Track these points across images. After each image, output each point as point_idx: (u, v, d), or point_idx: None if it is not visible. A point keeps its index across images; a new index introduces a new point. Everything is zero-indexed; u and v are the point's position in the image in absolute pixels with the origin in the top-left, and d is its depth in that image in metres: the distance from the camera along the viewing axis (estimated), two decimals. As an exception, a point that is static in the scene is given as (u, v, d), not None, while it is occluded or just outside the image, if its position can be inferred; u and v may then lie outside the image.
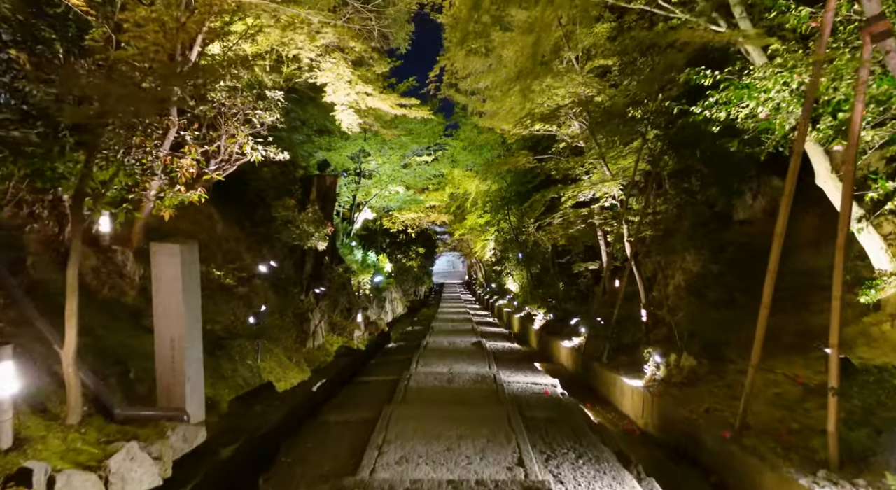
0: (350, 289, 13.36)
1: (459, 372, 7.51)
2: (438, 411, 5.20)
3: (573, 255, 15.67)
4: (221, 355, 6.42)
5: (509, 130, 12.89)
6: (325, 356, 9.39)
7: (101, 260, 6.38)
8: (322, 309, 11.07)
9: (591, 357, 8.93)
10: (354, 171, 18.13)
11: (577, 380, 9.36)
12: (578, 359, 9.70)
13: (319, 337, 9.80)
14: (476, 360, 8.77)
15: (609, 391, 7.68)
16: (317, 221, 10.04)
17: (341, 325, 11.51)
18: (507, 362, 9.01)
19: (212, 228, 8.63)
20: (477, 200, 23.00)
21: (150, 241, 4.95)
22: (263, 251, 9.98)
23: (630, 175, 9.52)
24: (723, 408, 5.19)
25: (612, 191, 9.42)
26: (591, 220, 11.47)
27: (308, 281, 11.16)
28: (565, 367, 10.52)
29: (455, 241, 43.74)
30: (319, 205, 12.48)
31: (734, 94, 4.42)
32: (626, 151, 9.95)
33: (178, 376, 4.75)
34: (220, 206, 9.45)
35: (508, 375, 7.66)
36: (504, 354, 10.11)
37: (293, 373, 7.70)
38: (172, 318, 4.72)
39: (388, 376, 7.30)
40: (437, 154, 20.77)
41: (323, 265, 11.96)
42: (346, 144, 16.70)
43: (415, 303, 28.46)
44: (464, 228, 24.87)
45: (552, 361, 11.37)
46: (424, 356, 9.07)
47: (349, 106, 7.85)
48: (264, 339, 7.87)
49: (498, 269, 24.59)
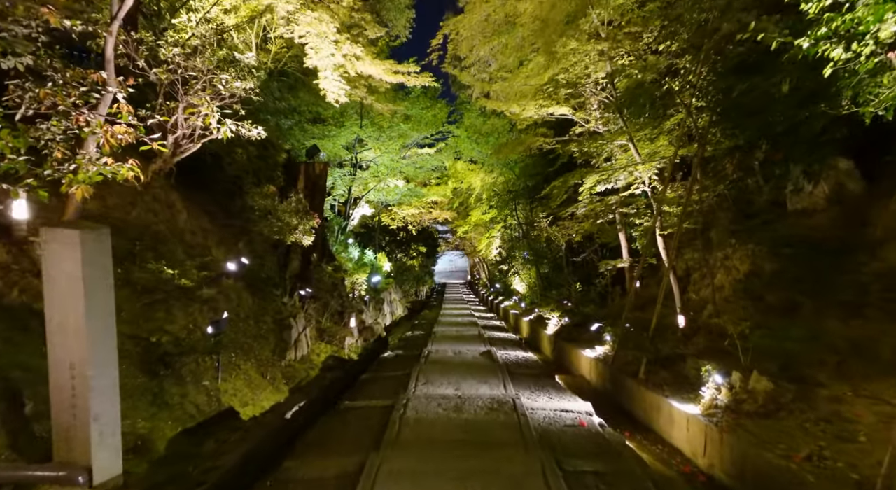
0: (343, 290, 12.00)
1: (470, 395, 6.10)
2: (443, 463, 3.78)
3: (589, 252, 14.29)
4: (167, 376, 5.06)
5: (519, 114, 11.52)
6: (309, 369, 8.02)
7: (12, 255, 5.03)
8: (309, 313, 9.71)
9: (622, 371, 7.56)
10: (350, 162, 16.75)
11: (605, 397, 7.99)
12: (605, 372, 8.33)
13: (303, 346, 8.44)
14: (488, 377, 7.39)
15: (650, 416, 6.31)
16: (301, 213, 8.68)
17: (331, 332, 10.16)
18: (524, 378, 7.64)
19: (172, 219, 7.28)
20: (482, 195, 21.64)
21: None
22: (239, 247, 8.62)
23: (665, 156, 8.15)
24: (833, 454, 3.80)
25: (646, 176, 8.04)
26: (619, 211, 10.10)
27: (293, 281, 9.79)
28: (587, 381, 9.14)
29: (458, 240, 42.48)
30: (307, 195, 11.12)
31: (873, 12, 3.04)
32: (657, 132, 8.58)
33: (80, 416, 3.39)
34: (187, 193, 8.10)
35: (529, 397, 6.29)
36: (518, 367, 8.73)
37: (266, 393, 6.34)
38: (71, 336, 3.36)
39: (380, 400, 5.94)
40: (440, 146, 19.37)
41: (311, 264, 10.60)
42: (339, 132, 15.35)
43: (416, 304, 27.08)
44: (467, 225, 23.51)
45: (571, 373, 10.00)
46: (425, 370, 7.70)
47: (335, 70, 6.49)
48: (232, 352, 6.51)
49: (503, 268, 23.21)
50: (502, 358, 9.35)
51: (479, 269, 39.52)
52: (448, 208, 29.05)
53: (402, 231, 27.52)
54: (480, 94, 11.48)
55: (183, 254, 7.12)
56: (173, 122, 6.79)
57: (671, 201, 7.60)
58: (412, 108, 15.88)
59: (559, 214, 14.20)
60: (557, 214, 14.30)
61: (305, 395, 6.72)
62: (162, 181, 7.34)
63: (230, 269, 7.40)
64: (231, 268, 7.35)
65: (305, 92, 15.87)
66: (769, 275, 7.32)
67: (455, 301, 29.13)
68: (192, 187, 8.33)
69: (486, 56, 9.57)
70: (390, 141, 16.26)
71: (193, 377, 5.32)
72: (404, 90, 15.88)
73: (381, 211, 20.95)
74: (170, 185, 7.51)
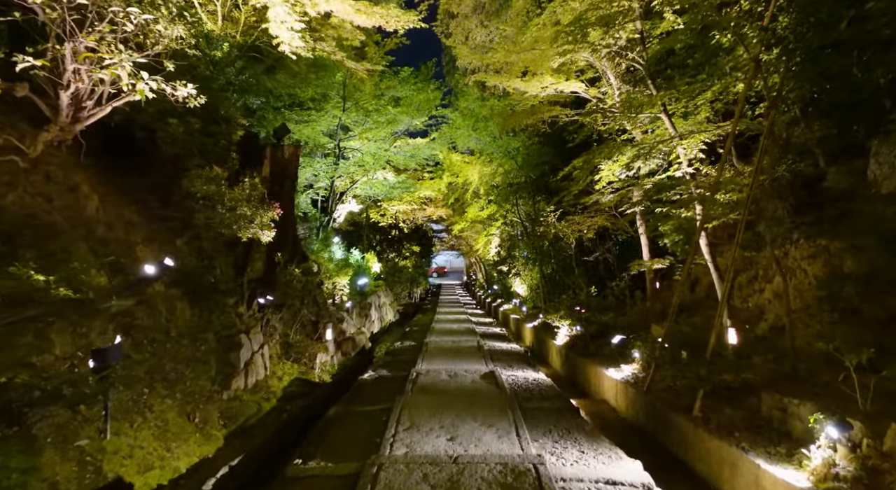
0: (319, 295, 10.25)
1: (471, 457, 4.26)
2: None
3: (602, 251, 12.61)
4: (10, 438, 3.31)
5: (523, 91, 9.82)
6: (263, 400, 6.28)
7: None
8: (272, 326, 7.96)
9: (665, 402, 5.87)
10: (333, 151, 14.97)
11: (640, 433, 6.31)
12: (637, 400, 6.64)
13: (258, 370, 6.69)
14: (494, 417, 5.59)
15: (720, 474, 4.61)
16: (256, 201, 6.94)
17: (301, 347, 8.41)
18: (541, 416, 5.88)
19: (75, 206, 5.52)
20: (479, 190, 19.92)
21: None
22: (178, 245, 6.87)
23: (705, 132, 6.46)
24: None
25: (692, 152, 6.36)
26: (640, 203, 8.41)
27: (252, 287, 8.04)
28: (612, 408, 7.45)
29: (453, 239, 40.84)
30: (274, 183, 9.38)
31: None
32: (699, 102, 6.92)
33: None
34: (107, 175, 6.34)
35: (556, 454, 4.56)
36: (531, 396, 6.98)
37: (188, 444, 4.59)
38: None
39: (342, 463, 4.19)
40: (434, 135, 17.58)
41: (278, 265, 8.86)
42: (319, 117, 13.59)
43: (408, 307, 25.28)
44: (464, 222, 21.77)
45: (590, 395, 8.31)
46: (411, 405, 5.93)
47: (283, 3, 4.77)
48: (145, 387, 4.77)
49: (503, 268, 21.48)
50: (509, 382, 7.62)
51: (476, 269, 37.82)
52: (443, 205, 27.30)
53: (394, 229, 25.77)
54: (481, 67, 9.77)
55: (89, 253, 5.37)
56: (70, 75, 5.06)
57: (726, 185, 5.92)
58: (401, 89, 14.12)
59: (569, 209, 12.52)
60: (567, 209, 12.62)
61: (249, 440, 4.99)
62: (62, 157, 5.58)
63: (157, 272, 5.65)
64: (156, 271, 5.60)
65: (283, 74, 14.18)
66: (860, 278, 5.64)
67: (451, 303, 27.33)
68: (116, 168, 6.58)
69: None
70: (377, 127, 14.50)
71: (59, 436, 3.57)
72: (392, 69, 14.15)
73: (370, 206, 19.19)
74: (76, 162, 5.75)
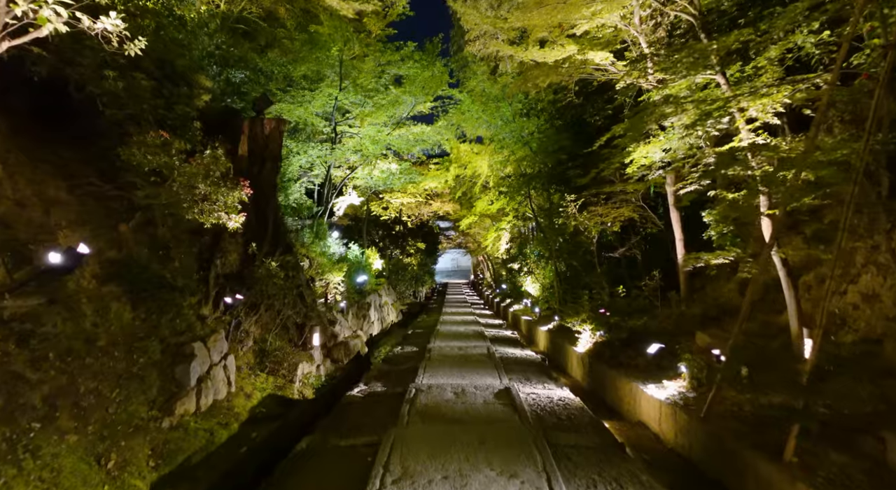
0: (307, 294, 8.96)
1: None
2: None
3: (629, 246, 11.20)
4: None
5: (541, 62, 8.42)
6: (218, 426, 4.97)
7: None
8: (243, 331, 6.68)
9: (737, 435, 4.50)
10: (329, 135, 13.65)
11: (698, 471, 4.95)
12: (692, 428, 5.26)
13: (218, 386, 5.38)
14: (519, 464, 4.02)
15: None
16: (216, 177, 5.62)
17: (280, 355, 7.10)
18: (577, 457, 4.51)
19: (-34, 176, 4.24)
20: (489, 182, 18.55)
21: None
22: (122, 230, 5.56)
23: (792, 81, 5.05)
24: None
25: (768, 115, 4.95)
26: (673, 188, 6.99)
27: (221, 283, 6.75)
28: (655, 435, 6.07)
29: (460, 237, 39.52)
30: (253, 162, 8.08)
31: None
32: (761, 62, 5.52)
33: None
34: (25, 142, 5.06)
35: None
36: (559, 423, 5.59)
37: (89, 503, 3.28)
38: None
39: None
40: (440, 123, 16.20)
41: (255, 258, 7.56)
42: (313, 97, 12.29)
43: (413, 307, 23.90)
44: (472, 216, 20.38)
45: (622, 417, 6.94)
46: (405, 441, 4.54)
47: None
48: (39, 420, 3.47)
49: (513, 266, 20.07)
50: (529, 403, 6.24)
51: (484, 268, 36.41)
52: (450, 200, 25.96)
53: (398, 224, 24.46)
54: (493, 32, 8.37)
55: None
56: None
57: (819, 154, 4.49)
58: (404, 67, 12.75)
59: (591, 199, 11.13)
60: (588, 199, 11.23)
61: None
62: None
63: (71, 262, 4.35)
64: (71, 261, 4.30)
65: (277, 52, 12.97)
66: None
67: (457, 303, 25.91)
68: (43, 136, 5.29)
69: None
70: (378, 110, 13.15)
71: None
72: (395, 43, 12.81)
73: (371, 199, 17.87)
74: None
